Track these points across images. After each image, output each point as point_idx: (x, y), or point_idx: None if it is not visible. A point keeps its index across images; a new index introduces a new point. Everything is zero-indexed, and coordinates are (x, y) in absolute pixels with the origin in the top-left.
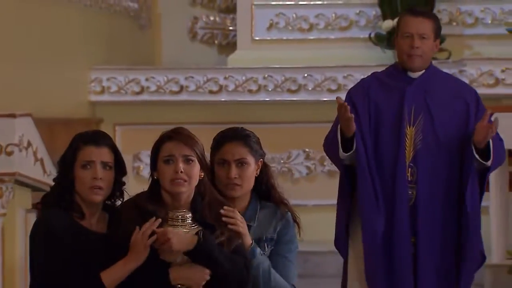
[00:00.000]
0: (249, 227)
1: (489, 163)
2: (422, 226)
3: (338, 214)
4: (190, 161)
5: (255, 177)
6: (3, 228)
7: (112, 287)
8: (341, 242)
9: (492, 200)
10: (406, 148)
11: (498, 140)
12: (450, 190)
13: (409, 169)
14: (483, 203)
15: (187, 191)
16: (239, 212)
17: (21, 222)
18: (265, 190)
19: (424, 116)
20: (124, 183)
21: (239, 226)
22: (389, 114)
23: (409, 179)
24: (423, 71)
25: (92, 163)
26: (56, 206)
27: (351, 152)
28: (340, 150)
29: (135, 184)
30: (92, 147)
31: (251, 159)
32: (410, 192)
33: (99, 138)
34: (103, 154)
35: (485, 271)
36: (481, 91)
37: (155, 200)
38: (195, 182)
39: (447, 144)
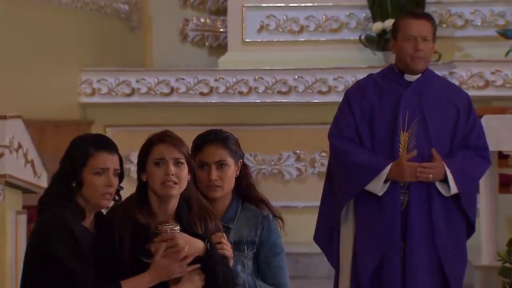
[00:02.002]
0: (228, 229)
1: (452, 192)
2: (412, 231)
3: (322, 221)
4: (180, 164)
5: (236, 177)
6: None
7: None
8: (326, 244)
9: (481, 201)
10: (400, 153)
11: (466, 160)
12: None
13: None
14: None
15: (177, 194)
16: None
17: (12, 224)
18: (245, 189)
19: (418, 122)
20: (122, 188)
21: (225, 250)
22: (384, 118)
23: (402, 184)
24: (420, 74)
25: (106, 170)
26: (60, 206)
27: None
28: (378, 184)
29: (126, 185)
30: (106, 154)
31: (230, 161)
32: (402, 198)
33: (110, 145)
34: (115, 162)
35: (475, 272)
36: (471, 93)
37: (144, 207)
38: (184, 185)
39: (439, 150)
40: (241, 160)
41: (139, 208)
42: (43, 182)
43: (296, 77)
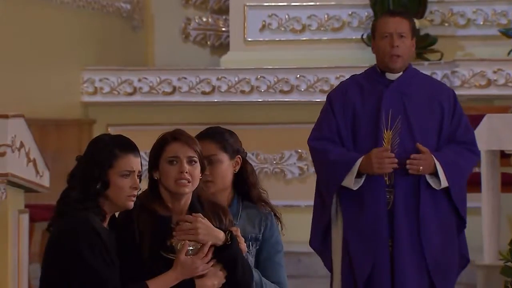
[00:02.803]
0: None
1: (443, 185)
2: (399, 230)
3: (315, 226)
4: (193, 162)
5: (236, 174)
6: None
7: None
8: (319, 244)
9: (483, 200)
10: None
11: (457, 154)
12: None
13: (387, 173)
14: (476, 204)
15: (190, 192)
16: None
17: (14, 223)
18: (245, 187)
19: (401, 120)
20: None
21: (241, 244)
22: (366, 117)
23: (387, 183)
24: (401, 73)
25: (132, 172)
26: (84, 209)
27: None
28: (351, 178)
29: None
30: (132, 156)
31: (222, 156)
32: (387, 196)
33: (135, 147)
34: (139, 164)
35: (477, 271)
36: (473, 92)
37: (160, 201)
38: (197, 183)
39: (425, 147)
40: (239, 156)
41: (156, 201)
42: (45, 181)
43: (298, 76)
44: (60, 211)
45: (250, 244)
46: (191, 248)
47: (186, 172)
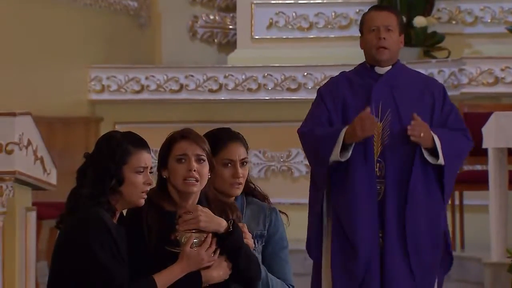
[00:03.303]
0: None
1: (440, 161)
2: (390, 221)
3: (311, 217)
4: (202, 161)
5: None
6: (3, 227)
7: None
8: (314, 243)
9: (491, 198)
10: (374, 144)
11: (453, 132)
12: None
13: (378, 164)
14: (483, 202)
15: (198, 190)
16: None
17: (21, 220)
18: (247, 187)
19: (391, 112)
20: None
21: (248, 240)
22: (356, 110)
23: (378, 174)
24: (390, 66)
25: (146, 169)
26: (96, 205)
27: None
28: (337, 151)
29: None
30: (145, 153)
31: (248, 159)
32: (378, 187)
33: (146, 144)
34: (150, 160)
35: (485, 269)
36: (480, 89)
37: (168, 197)
38: (205, 182)
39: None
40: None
41: (164, 198)
42: (53, 178)
43: (305, 74)
44: (71, 207)
45: (256, 241)
46: (195, 240)
47: (194, 171)
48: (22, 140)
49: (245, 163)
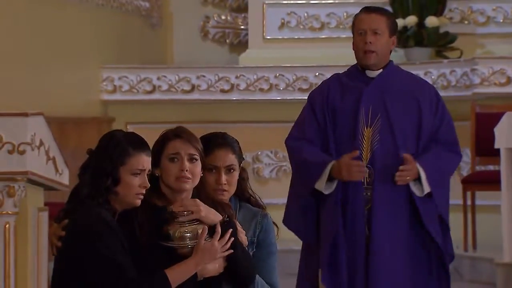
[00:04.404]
0: None
1: (425, 191)
2: (377, 228)
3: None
4: (194, 160)
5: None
6: (16, 227)
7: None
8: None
9: (503, 199)
10: (364, 149)
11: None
12: (407, 191)
13: (366, 170)
14: (495, 202)
15: (190, 188)
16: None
17: (33, 221)
18: (242, 192)
19: (381, 117)
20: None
21: (241, 237)
22: (346, 115)
23: (366, 180)
24: (381, 70)
25: (143, 171)
26: (97, 205)
27: (331, 184)
28: (322, 183)
29: None
30: (144, 156)
31: (237, 165)
32: (368, 194)
33: (146, 146)
34: (149, 163)
35: (497, 270)
36: (492, 90)
37: (159, 195)
38: (197, 180)
39: (404, 145)
40: (241, 164)
41: (156, 195)
42: (65, 179)
43: (317, 74)
44: (72, 208)
45: (246, 247)
46: (188, 234)
47: (187, 170)
48: (34, 141)
49: (232, 170)
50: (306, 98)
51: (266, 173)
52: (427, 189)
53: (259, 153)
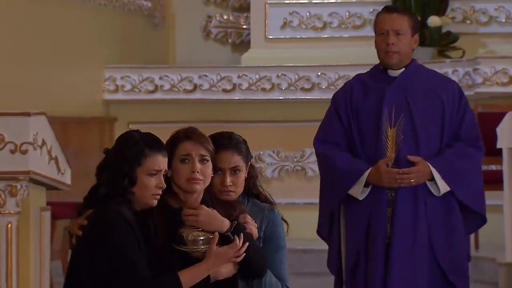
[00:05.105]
0: None
1: (442, 191)
2: (399, 229)
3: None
4: (205, 161)
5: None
6: (18, 227)
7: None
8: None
9: (505, 198)
10: (388, 149)
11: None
12: (430, 191)
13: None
14: (497, 202)
15: (201, 189)
16: None
17: (36, 220)
18: (250, 189)
19: (405, 116)
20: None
21: (252, 230)
22: (369, 115)
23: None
24: (403, 69)
25: (159, 172)
26: (117, 203)
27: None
28: (358, 189)
29: None
30: (160, 156)
31: (243, 166)
32: (392, 194)
33: (163, 147)
34: (165, 163)
35: (499, 269)
36: (495, 89)
37: (172, 195)
38: (208, 181)
39: (428, 144)
40: (249, 162)
41: (169, 195)
42: (67, 178)
43: (319, 74)
44: (92, 204)
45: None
46: (202, 238)
47: (198, 172)
48: (37, 140)
49: (237, 171)
50: (308, 97)
51: (268, 173)
52: (444, 188)
53: (261, 152)
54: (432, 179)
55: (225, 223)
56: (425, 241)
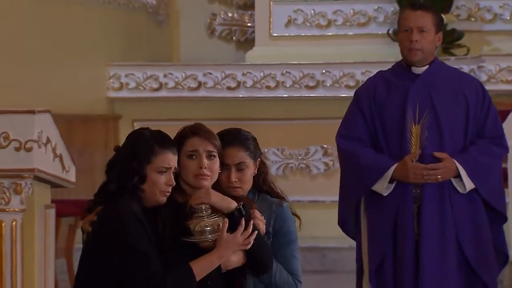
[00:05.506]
0: None
1: (468, 188)
2: (426, 226)
3: (345, 203)
4: (213, 157)
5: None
6: (23, 224)
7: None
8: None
9: (510, 197)
10: (412, 146)
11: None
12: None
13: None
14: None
15: (209, 184)
16: None
17: (40, 218)
18: (261, 185)
19: (429, 113)
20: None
21: (259, 224)
22: (393, 112)
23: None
24: (427, 66)
25: (169, 169)
26: (127, 199)
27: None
28: (382, 185)
29: None
30: (170, 154)
31: (250, 162)
32: (418, 191)
33: (173, 144)
34: (175, 161)
35: (504, 268)
36: (499, 87)
37: (179, 190)
38: (215, 177)
39: (452, 141)
40: (259, 159)
41: (176, 190)
42: (72, 176)
43: (324, 71)
44: (102, 200)
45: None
46: (208, 228)
47: (205, 168)
48: (41, 138)
49: (243, 168)
50: (313, 95)
51: (273, 171)
52: (469, 186)
53: (266, 150)
54: (457, 176)
55: (233, 202)
56: (453, 239)
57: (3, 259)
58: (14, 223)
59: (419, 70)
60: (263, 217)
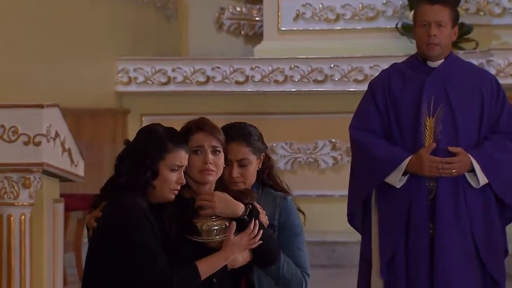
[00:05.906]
0: None
1: (481, 183)
2: (441, 219)
3: (354, 197)
4: (218, 152)
5: (258, 170)
6: (31, 219)
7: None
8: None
9: None
10: (426, 139)
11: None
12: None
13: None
14: None
15: (214, 179)
16: None
17: (49, 212)
18: (266, 180)
19: (443, 107)
20: None
21: (262, 218)
22: (408, 105)
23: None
24: (443, 60)
25: (181, 167)
26: (134, 195)
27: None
28: (396, 177)
29: None
30: (182, 152)
31: (252, 157)
32: (431, 184)
33: (185, 142)
34: (187, 159)
35: (510, 261)
36: (508, 81)
37: (185, 186)
38: (220, 172)
39: (466, 134)
40: (264, 153)
41: (183, 187)
42: (80, 170)
43: (332, 65)
44: (108, 194)
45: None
46: (216, 228)
47: (210, 163)
48: (50, 132)
49: (245, 164)
50: (321, 89)
51: (281, 165)
52: (483, 180)
53: (274, 144)
54: (471, 170)
55: (240, 206)
56: (469, 232)
57: (12, 253)
58: (23, 217)
59: (434, 64)
60: (262, 209)
